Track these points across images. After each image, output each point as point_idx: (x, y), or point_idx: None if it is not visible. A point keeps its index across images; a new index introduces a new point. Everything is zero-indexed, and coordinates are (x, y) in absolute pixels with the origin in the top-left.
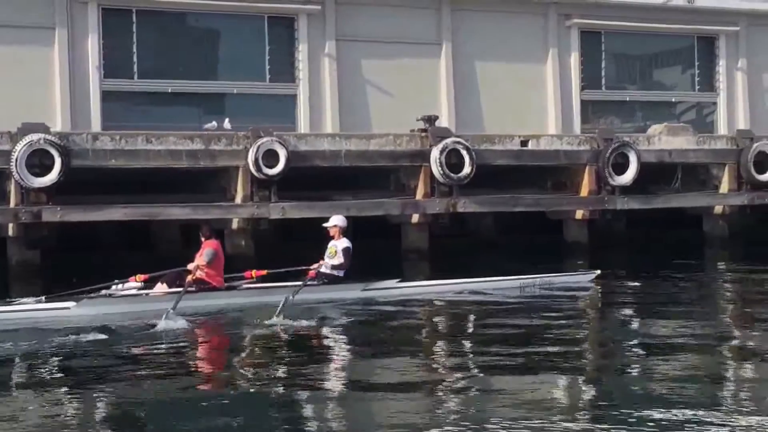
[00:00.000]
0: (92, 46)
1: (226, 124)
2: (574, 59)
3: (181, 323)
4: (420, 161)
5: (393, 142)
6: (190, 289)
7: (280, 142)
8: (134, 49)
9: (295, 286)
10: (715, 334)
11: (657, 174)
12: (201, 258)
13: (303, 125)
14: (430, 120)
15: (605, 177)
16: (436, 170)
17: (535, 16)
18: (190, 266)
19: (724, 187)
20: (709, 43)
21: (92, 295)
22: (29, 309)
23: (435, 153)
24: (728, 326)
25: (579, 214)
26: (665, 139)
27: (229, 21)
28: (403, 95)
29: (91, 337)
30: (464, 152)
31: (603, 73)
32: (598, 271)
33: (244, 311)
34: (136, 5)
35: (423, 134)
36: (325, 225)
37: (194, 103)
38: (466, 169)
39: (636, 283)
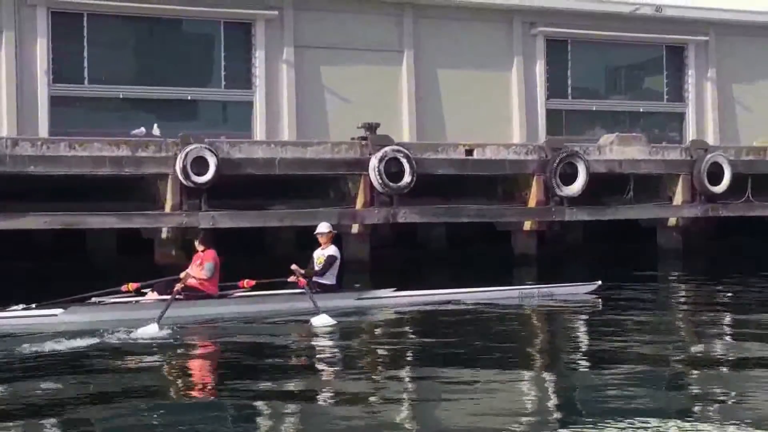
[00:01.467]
0: (41, 50)
1: (155, 130)
2: (540, 68)
3: (165, 331)
4: (358, 170)
5: (331, 150)
6: (178, 297)
7: (209, 149)
8: (85, 54)
9: (288, 294)
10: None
11: (611, 184)
12: (200, 270)
13: (259, 132)
14: (371, 128)
15: (553, 187)
16: (374, 179)
17: (500, 24)
18: (182, 275)
19: (677, 199)
20: (678, 53)
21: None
22: (14, 316)
23: (374, 161)
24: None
25: (527, 225)
26: (617, 149)
27: (184, 26)
28: (364, 103)
29: (75, 344)
30: (404, 161)
31: (569, 82)
32: (599, 282)
33: (238, 320)
34: (87, 9)
35: (363, 142)
36: (317, 232)
37: (147, 110)
38: (406, 179)
39: (637, 295)
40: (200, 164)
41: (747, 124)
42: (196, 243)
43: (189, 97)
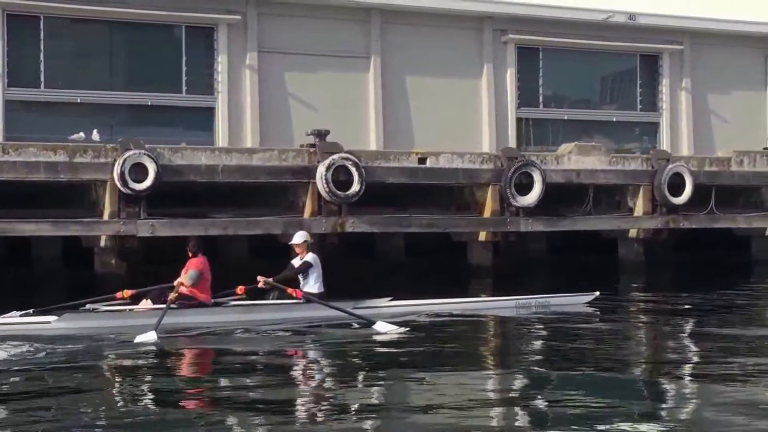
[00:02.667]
0: None
1: (95, 135)
2: (510, 76)
3: (159, 340)
4: (306, 178)
5: (278, 158)
6: (173, 306)
7: (149, 156)
8: (41, 57)
9: (284, 304)
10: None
11: (572, 195)
12: (184, 277)
13: (221, 139)
14: (320, 134)
15: (507, 197)
16: (321, 188)
17: (470, 31)
18: (176, 282)
19: (638, 210)
20: (653, 62)
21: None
22: (7, 322)
23: (321, 169)
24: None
25: (482, 236)
26: (575, 159)
27: (144, 30)
28: (329, 110)
29: (68, 351)
30: (353, 169)
31: (541, 91)
32: (597, 293)
33: (232, 328)
34: (44, 11)
35: (311, 149)
36: (291, 242)
37: (106, 115)
38: (355, 187)
39: (635, 305)
40: (139, 170)
41: (722, 134)
42: (187, 249)
43: (149, 103)
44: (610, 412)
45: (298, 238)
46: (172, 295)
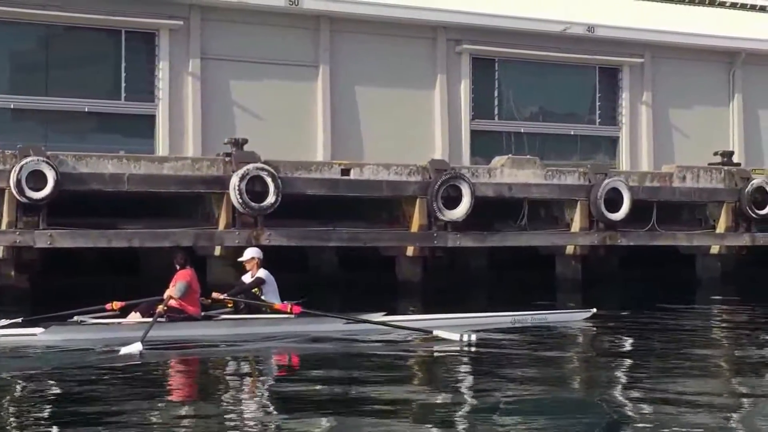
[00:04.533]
0: None
1: None
2: (465, 87)
3: (145, 352)
4: (219, 188)
5: (191, 167)
6: (160, 319)
7: (48, 163)
8: None
9: (273, 318)
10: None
11: (508, 210)
12: (173, 289)
13: (161, 147)
14: (237, 143)
15: (434, 211)
16: (234, 198)
17: (423, 41)
18: (165, 295)
19: (575, 226)
20: (612, 75)
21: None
22: None
23: (234, 180)
24: None
25: (410, 250)
26: (508, 172)
27: (83, 34)
28: (275, 120)
29: (54, 364)
30: (269, 179)
31: (496, 103)
32: (594, 310)
33: (218, 342)
34: None
35: (226, 159)
36: (240, 259)
37: (40, 122)
38: (270, 199)
39: (633, 322)
40: (37, 178)
41: (683, 149)
42: (174, 261)
43: (86, 109)
44: None
45: (248, 254)
46: (160, 308)
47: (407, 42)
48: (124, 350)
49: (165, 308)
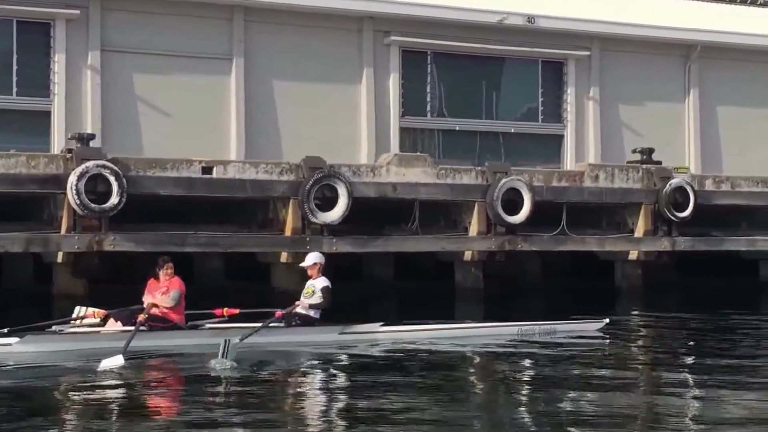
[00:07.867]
0: None
1: None
2: (394, 81)
3: (127, 365)
4: (56, 188)
5: (26, 164)
6: (142, 328)
7: None
8: None
9: (258, 327)
10: None
11: (399, 212)
12: (165, 298)
13: (57, 146)
14: (81, 138)
15: (306, 213)
16: (72, 199)
17: (348, 32)
18: (145, 304)
19: (473, 230)
20: (556, 69)
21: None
22: None
23: (72, 179)
24: None
25: (283, 257)
26: (395, 171)
27: None
28: (185, 116)
29: (24, 376)
30: (112, 178)
31: (428, 99)
32: (607, 320)
33: (200, 352)
34: None
35: (68, 155)
36: (302, 265)
37: None
38: (113, 199)
39: (643, 332)
40: None
41: (632, 146)
42: (157, 270)
43: None
44: None
45: (310, 260)
46: (141, 317)
47: (331, 33)
48: (104, 363)
49: (146, 316)
